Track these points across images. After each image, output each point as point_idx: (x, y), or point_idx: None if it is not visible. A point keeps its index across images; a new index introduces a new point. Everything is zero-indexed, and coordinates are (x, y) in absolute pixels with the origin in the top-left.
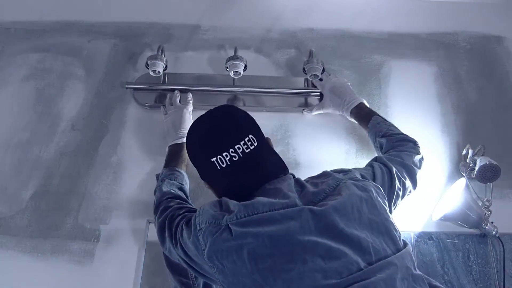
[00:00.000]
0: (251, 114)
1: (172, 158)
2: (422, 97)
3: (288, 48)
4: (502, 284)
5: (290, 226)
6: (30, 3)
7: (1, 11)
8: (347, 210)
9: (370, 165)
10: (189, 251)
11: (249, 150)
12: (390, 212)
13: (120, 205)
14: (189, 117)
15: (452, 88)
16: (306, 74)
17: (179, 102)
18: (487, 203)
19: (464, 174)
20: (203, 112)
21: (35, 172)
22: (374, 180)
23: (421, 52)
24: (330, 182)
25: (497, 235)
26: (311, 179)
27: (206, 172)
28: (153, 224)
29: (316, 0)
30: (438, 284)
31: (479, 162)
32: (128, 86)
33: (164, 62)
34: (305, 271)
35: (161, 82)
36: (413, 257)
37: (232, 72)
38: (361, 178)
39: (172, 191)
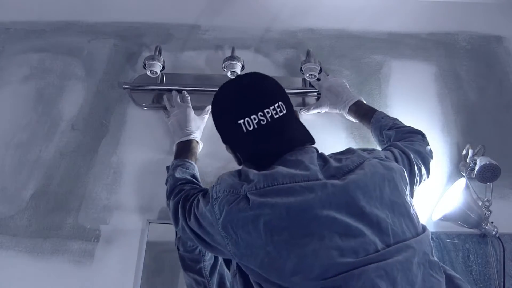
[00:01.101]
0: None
1: (182, 152)
2: (422, 97)
3: (288, 48)
4: (502, 284)
5: (309, 199)
6: (30, 3)
7: (1, 11)
8: (369, 188)
9: (388, 149)
10: (203, 221)
11: (277, 116)
12: (412, 197)
13: (120, 205)
14: (194, 116)
15: (452, 88)
16: (303, 74)
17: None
18: (487, 203)
19: (464, 174)
20: (201, 112)
21: (35, 172)
22: (396, 163)
23: (421, 52)
24: (354, 159)
25: (497, 235)
26: (335, 155)
27: (231, 134)
28: (153, 224)
29: (316, 0)
30: (453, 273)
31: (479, 162)
32: (126, 86)
33: (162, 63)
34: (321, 247)
35: (159, 82)
36: (431, 243)
37: (229, 72)
38: (385, 158)
39: (186, 177)
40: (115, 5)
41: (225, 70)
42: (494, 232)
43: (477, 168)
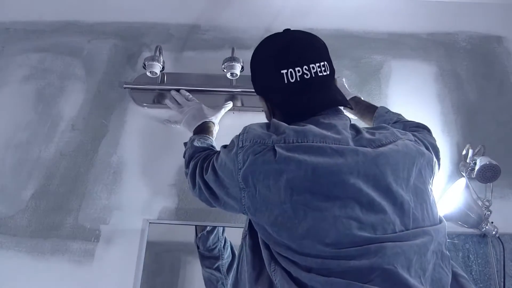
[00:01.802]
0: (250, 114)
1: (200, 130)
2: (422, 97)
3: None
4: (502, 284)
5: (338, 163)
6: (30, 3)
7: (1, 11)
8: (399, 167)
9: (414, 136)
10: (222, 172)
11: (321, 74)
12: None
13: (120, 205)
14: (207, 108)
15: (452, 88)
16: None
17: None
18: (487, 203)
19: (464, 174)
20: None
21: (35, 172)
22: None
23: (421, 52)
24: (388, 135)
25: (497, 235)
26: (368, 129)
27: (270, 84)
28: (153, 224)
29: (316, 0)
30: (460, 271)
31: (479, 162)
32: (126, 86)
33: (161, 63)
34: (341, 215)
35: (160, 82)
36: (446, 236)
37: (228, 73)
38: (417, 142)
39: (205, 146)
40: (115, 5)
41: (225, 71)
42: (494, 232)
43: (477, 168)
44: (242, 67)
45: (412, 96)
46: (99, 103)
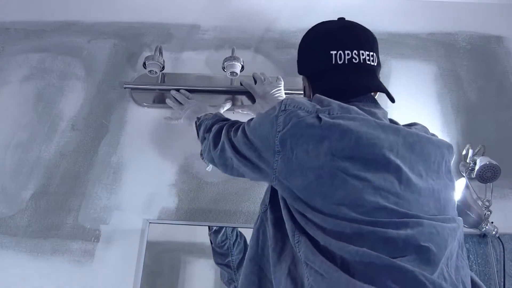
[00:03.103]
0: (250, 114)
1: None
2: (422, 97)
3: (288, 48)
4: (502, 284)
5: (380, 137)
6: (30, 3)
7: (1, 11)
8: (431, 159)
9: None
10: (254, 135)
11: (369, 63)
12: None
13: (120, 205)
14: (208, 106)
15: (452, 88)
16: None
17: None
18: (487, 203)
19: (464, 174)
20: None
21: (35, 172)
22: None
23: (421, 52)
24: (421, 129)
25: (497, 235)
26: (403, 125)
27: (317, 63)
28: (153, 224)
29: (316, 0)
30: (478, 279)
31: (479, 162)
32: (126, 86)
33: (162, 62)
34: (380, 188)
35: (160, 82)
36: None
37: (228, 72)
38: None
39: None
40: (115, 5)
41: (225, 70)
42: (494, 232)
43: (477, 168)
44: (242, 67)
45: (412, 96)
46: (99, 103)
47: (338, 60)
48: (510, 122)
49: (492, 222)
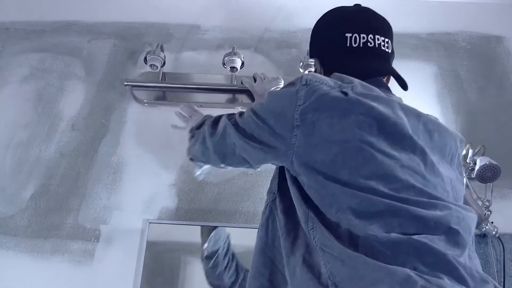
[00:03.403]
0: None
1: None
2: (422, 97)
3: (288, 47)
4: (502, 284)
5: (403, 120)
6: (30, 3)
7: (1, 11)
8: (446, 150)
9: None
10: (267, 112)
11: (383, 48)
12: None
13: (120, 205)
14: None
15: (452, 88)
16: (303, 72)
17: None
18: (487, 203)
19: (464, 174)
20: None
21: (35, 172)
22: None
23: (421, 52)
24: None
25: (497, 235)
26: None
27: (331, 45)
28: (153, 224)
29: (316, 0)
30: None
31: (479, 162)
32: (127, 83)
33: (163, 58)
34: (409, 166)
35: (160, 80)
36: None
37: (229, 67)
38: None
39: None
40: (115, 5)
41: (225, 66)
42: (494, 232)
43: (477, 168)
44: (243, 62)
45: (412, 96)
46: (99, 103)
47: (353, 43)
48: (510, 122)
49: (492, 222)
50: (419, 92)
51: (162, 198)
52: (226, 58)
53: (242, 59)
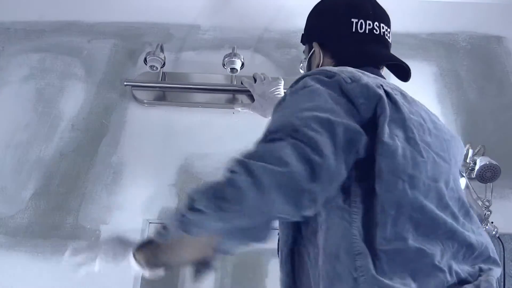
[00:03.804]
0: (250, 114)
1: None
2: (422, 97)
3: (288, 47)
4: (502, 284)
5: (421, 113)
6: (30, 3)
7: (1, 11)
8: (449, 154)
9: None
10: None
11: (387, 37)
12: None
13: (120, 205)
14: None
15: (452, 88)
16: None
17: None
18: (487, 203)
19: (464, 174)
20: (200, 111)
21: (35, 172)
22: None
23: (421, 52)
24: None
25: (497, 235)
26: None
27: (334, 29)
28: (153, 224)
29: (316, 0)
30: None
31: (479, 162)
32: (127, 83)
33: (162, 59)
34: (447, 173)
35: (160, 80)
36: None
37: (228, 68)
38: None
39: None
40: (115, 5)
41: (225, 66)
42: (494, 232)
43: (477, 168)
44: (243, 63)
45: (412, 96)
46: (99, 103)
47: (359, 29)
48: (510, 122)
49: (492, 222)
50: (419, 92)
51: (162, 198)
52: (226, 59)
53: (242, 60)
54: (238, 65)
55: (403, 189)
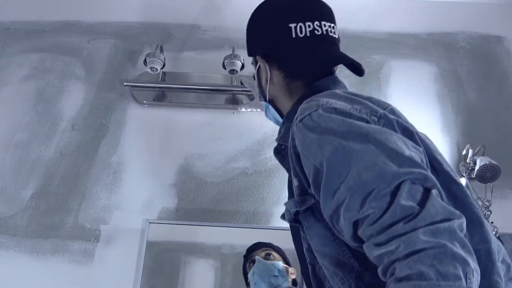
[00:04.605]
0: (250, 113)
1: None
2: (422, 97)
3: None
4: None
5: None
6: (30, 3)
7: (1, 11)
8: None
9: None
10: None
11: (331, 35)
12: None
13: (120, 205)
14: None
15: (452, 88)
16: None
17: None
18: (487, 203)
19: (464, 174)
20: (200, 111)
21: (35, 172)
22: None
23: (421, 52)
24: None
25: (497, 235)
26: None
27: (274, 39)
28: (153, 224)
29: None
30: None
31: (479, 162)
32: (127, 84)
33: (162, 60)
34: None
35: (160, 80)
36: None
37: (229, 70)
38: None
39: None
40: (115, 5)
41: (225, 68)
42: (494, 232)
43: (477, 168)
44: (243, 65)
45: (412, 96)
46: (99, 103)
47: (299, 33)
48: (510, 122)
49: (492, 222)
50: (419, 92)
51: (162, 198)
52: (226, 60)
53: (242, 61)
54: (238, 66)
55: None
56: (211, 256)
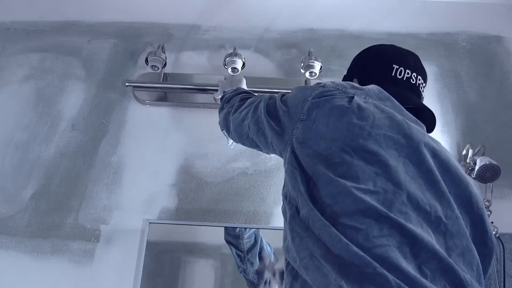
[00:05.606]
0: None
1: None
2: None
3: (288, 48)
4: (502, 284)
5: (416, 131)
6: (30, 3)
7: (1, 11)
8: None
9: None
10: (289, 102)
11: (421, 89)
12: None
13: (120, 205)
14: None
15: (452, 88)
16: (304, 72)
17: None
18: (487, 203)
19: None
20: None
21: (35, 172)
22: None
23: (421, 52)
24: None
25: (497, 235)
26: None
27: (375, 71)
28: (153, 224)
29: (316, 0)
30: None
31: (479, 162)
32: (128, 83)
33: (164, 59)
34: (413, 178)
35: (161, 80)
36: None
37: (229, 68)
38: None
39: None
40: (115, 5)
41: (226, 67)
42: (494, 232)
43: (477, 168)
44: (244, 63)
45: None
46: (99, 103)
47: (398, 74)
48: (510, 122)
49: (492, 222)
50: None
51: (162, 198)
52: (227, 59)
53: (243, 60)
54: (239, 65)
55: None
56: (211, 256)
